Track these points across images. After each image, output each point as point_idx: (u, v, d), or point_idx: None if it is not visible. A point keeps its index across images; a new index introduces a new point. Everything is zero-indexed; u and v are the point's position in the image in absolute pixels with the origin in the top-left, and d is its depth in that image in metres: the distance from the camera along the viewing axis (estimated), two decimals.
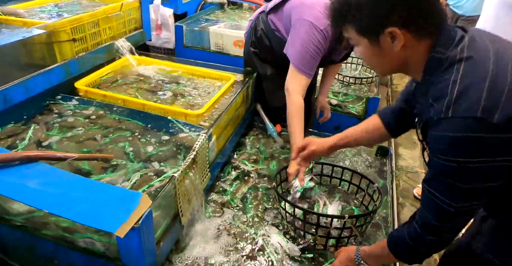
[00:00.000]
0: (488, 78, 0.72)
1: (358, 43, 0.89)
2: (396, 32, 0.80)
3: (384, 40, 0.83)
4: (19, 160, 1.03)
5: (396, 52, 0.84)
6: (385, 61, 0.89)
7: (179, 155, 1.31)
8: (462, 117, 0.72)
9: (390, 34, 0.81)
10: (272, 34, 1.78)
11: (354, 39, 0.89)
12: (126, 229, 0.86)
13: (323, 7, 1.54)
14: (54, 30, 1.50)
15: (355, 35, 0.88)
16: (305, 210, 1.25)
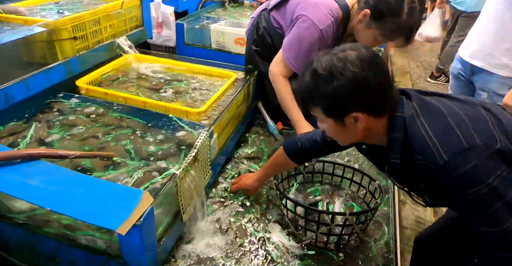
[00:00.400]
0: (449, 117, 0.89)
1: (324, 121, 0.98)
2: (359, 117, 0.90)
3: (348, 121, 0.93)
4: (21, 158, 1.04)
5: (359, 130, 0.94)
6: (349, 136, 1.00)
7: (181, 152, 1.31)
8: (456, 154, 0.84)
9: (354, 117, 0.91)
10: (274, 31, 1.78)
11: (321, 118, 0.98)
12: (128, 226, 0.86)
13: (328, 8, 1.54)
14: (55, 28, 1.50)
15: (321, 115, 0.96)
16: (306, 207, 1.26)
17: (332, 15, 1.55)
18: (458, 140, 0.84)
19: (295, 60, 1.62)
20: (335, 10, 1.56)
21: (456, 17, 3.97)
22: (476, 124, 0.86)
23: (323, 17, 1.54)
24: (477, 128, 0.86)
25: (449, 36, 4.20)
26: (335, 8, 1.56)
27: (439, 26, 3.94)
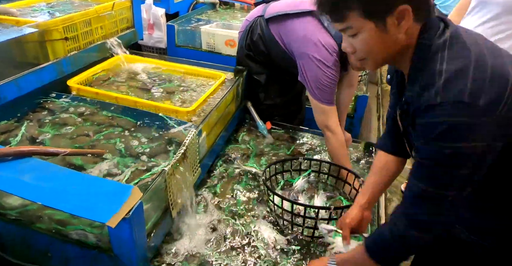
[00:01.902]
0: (472, 67, 0.75)
1: (361, 30, 0.84)
2: (407, 10, 0.79)
3: (391, 22, 0.81)
4: (12, 155, 1.06)
5: (400, 35, 0.83)
6: (386, 47, 0.86)
7: (170, 150, 1.34)
8: (452, 102, 0.74)
9: (399, 14, 0.80)
10: (273, 44, 1.75)
11: (356, 27, 0.85)
12: (117, 219, 0.89)
13: (327, 44, 1.55)
14: (46, 29, 1.52)
15: (359, 21, 0.83)
16: (292, 201, 1.29)
17: (334, 51, 1.57)
18: (462, 88, 0.74)
19: (328, 98, 1.62)
20: (334, 47, 1.56)
21: None
22: (494, 75, 0.75)
23: (327, 54, 1.56)
24: (493, 81, 0.74)
25: None
26: (333, 45, 1.56)
27: None
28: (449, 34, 0.81)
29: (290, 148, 1.88)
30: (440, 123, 0.76)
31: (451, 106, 0.74)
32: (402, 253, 0.94)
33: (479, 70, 0.75)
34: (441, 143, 0.77)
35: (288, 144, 1.91)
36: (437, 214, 0.86)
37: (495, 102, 0.74)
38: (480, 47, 0.79)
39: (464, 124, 0.74)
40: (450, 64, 0.77)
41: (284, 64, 1.78)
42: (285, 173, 1.64)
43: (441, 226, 0.89)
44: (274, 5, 1.76)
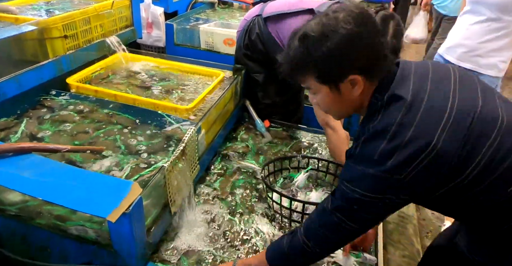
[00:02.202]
0: (393, 128, 0.80)
1: (318, 92, 0.93)
2: (357, 79, 0.86)
3: (344, 87, 0.88)
4: (13, 151, 1.07)
5: (355, 96, 0.90)
6: (343, 106, 0.95)
7: (169, 147, 1.35)
8: (364, 157, 0.84)
9: (351, 81, 0.87)
10: (271, 43, 1.77)
11: (314, 88, 0.93)
12: (118, 214, 0.90)
13: None
14: (45, 26, 1.53)
15: (315, 84, 0.91)
16: (291, 198, 1.31)
17: None
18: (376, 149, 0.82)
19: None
20: None
21: (439, 20, 4.08)
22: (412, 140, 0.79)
23: None
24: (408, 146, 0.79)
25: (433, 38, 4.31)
26: None
27: (424, 27, 4.04)
28: (386, 97, 0.86)
29: (288, 146, 1.89)
30: (352, 169, 0.87)
31: (363, 160, 0.84)
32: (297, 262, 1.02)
33: (398, 134, 0.80)
34: (347, 184, 0.88)
35: (287, 142, 1.92)
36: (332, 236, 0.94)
37: (403, 165, 0.79)
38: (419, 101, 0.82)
39: (368, 177, 0.83)
40: (376, 124, 0.84)
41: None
42: (284, 171, 1.65)
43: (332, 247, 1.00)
44: (272, 4, 1.78)
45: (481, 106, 0.82)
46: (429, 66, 0.92)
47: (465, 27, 2.07)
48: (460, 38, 2.10)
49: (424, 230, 2.31)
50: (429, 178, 0.81)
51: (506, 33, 1.93)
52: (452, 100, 0.81)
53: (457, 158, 0.79)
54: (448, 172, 0.80)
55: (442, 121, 0.79)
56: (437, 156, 0.78)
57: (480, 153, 0.80)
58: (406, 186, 0.82)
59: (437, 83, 0.85)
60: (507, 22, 1.90)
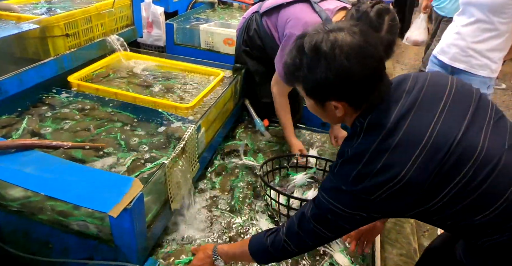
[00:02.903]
0: (368, 155, 0.84)
1: (306, 99, 0.97)
2: (338, 106, 0.89)
3: (328, 106, 0.91)
4: (15, 148, 1.08)
5: (338, 116, 0.93)
6: (328, 118, 0.99)
7: (170, 145, 1.37)
8: (340, 177, 0.89)
9: (334, 105, 0.89)
10: (267, 37, 1.81)
11: (303, 95, 0.96)
12: (119, 209, 0.92)
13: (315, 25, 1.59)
14: (47, 25, 1.54)
15: (303, 93, 0.94)
16: (288, 195, 1.32)
17: None
18: (351, 171, 0.86)
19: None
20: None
21: (438, 22, 4.11)
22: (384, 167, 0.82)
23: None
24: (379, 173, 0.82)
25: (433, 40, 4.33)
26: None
27: (425, 30, 4.07)
28: (366, 123, 0.88)
29: (287, 144, 1.90)
30: (330, 181, 0.93)
31: (340, 178, 0.89)
32: (274, 258, 1.07)
33: (371, 161, 0.83)
34: (323, 193, 0.93)
35: (285, 141, 1.93)
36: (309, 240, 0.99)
37: (373, 189, 0.83)
38: (399, 127, 0.83)
39: (341, 192, 0.88)
40: (354, 148, 0.88)
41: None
42: (282, 169, 1.66)
43: (310, 248, 1.07)
44: (269, 1, 1.81)
45: (462, 134, 0.82)
46: (426, 82, 0.91)
47: (458, 28, 2.10)
48: (453, 39, 2.13)
49: (421, 229, 2.33)
50: (397, 203, 0.85)
51: (497, 35, 1.96)
52: (431, 130, 0.82)
53: (427, 187, 0.81)
54: (416, 199, 0.84)
55: (415, 153, 0.80)
56: (405, 185, 0.80)
57: (451, 184, 0.81)
58: (375, 206, 0.86)
59: (426, 105, 0.86)
60: (497, 23, 1.92)
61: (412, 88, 0.90)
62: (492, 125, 0.86)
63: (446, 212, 0.86)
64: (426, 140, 0.81)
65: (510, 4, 1.87)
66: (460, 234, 0.96)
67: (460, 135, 0.82)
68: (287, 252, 1.02)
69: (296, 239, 0.99)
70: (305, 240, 0.99)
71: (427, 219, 0.93)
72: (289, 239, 1.00)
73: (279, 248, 1.02)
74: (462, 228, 0.90)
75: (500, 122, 0.89)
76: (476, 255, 0.98)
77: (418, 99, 0.87)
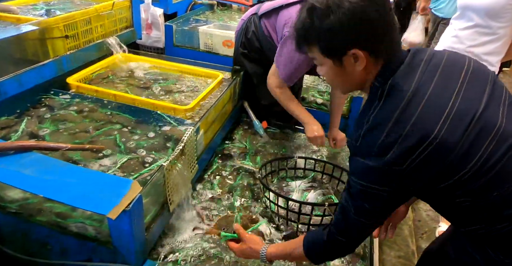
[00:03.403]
0: (392, 120, 0.81)
1: (322, 64, 0.93)
2: (359, 54, 0.85)
3: (347, 61, 0.88)
4: (14, 149, 1.08)
5: (359, 72, 0.89)
6: (347, 81, 0.94)
7: (168, 147, 1.37)
8: (364, 150, 0.85)
9: (353, 56, 0.86)
10: (264, 38, 1.81)
11: (319, 60, 0.93)
12: (118, 211, 0.92)
13: None
14: (47, 26, 1.54)
15: (320, 56, 0.91)
16: (288, 198, 1.33)
17: None
18: (375, 141, 0.82)
19: (287, 77, 1.67)
20: None
21: (437, 24, 4.13)
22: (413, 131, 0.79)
23: None
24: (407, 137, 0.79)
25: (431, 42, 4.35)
26: None
27: (422, 31, 4.09)
28: (389, 84, 0.85)
29: (285, 146, 1.91)
30: (355, 161, 0.88)
31: (363, 152, 0.85)
32: (327, 255, 1.06)
33: (397, 126, 0.80)
34: (352, 177, 0.90)
35: (284, 143, 1.94)
36: (350, 231, 0.96)
37: (402, 157, 0.79)
38: (422, 93, 0.82)
39: (370, 169, 0.84)
40: (376, 115, 0.85)
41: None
42: (281, 171, 1.67)
43: (354, 243, 1.01)
44: (269, 2, 1.81)
45: (482, 109, 0.82)
46: (443, 58, 0.90)
47: (456, 31, 2.11)
48: (451, 42, 2.14)
49: (419, 231, 2.33)
50: (430, 170, 0.81)
51: (495, 39, 1.97)
52: (454, 99, 0.81)
53: (456, 152, 0.79)
54: (447, 166, 0.80)
55: (442, 116, 0.79)
56: (437, 147, 0.78)
57: (479, 152, 0.80)
58: (407, 177, 0.82)
59: (444, 80, 0.85)
60: (494, 28, 1.94)
61: (430, 59, 0.89)
62: (507, 106, 0.87)
63: (468, 187, 0.84)
64: (451, 106, 0.80)
65: (507, 8, 1.88)
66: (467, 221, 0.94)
67: (481, 108, 0.82)
68: (341, 248, 1.01)
69: (347, 235, 0.97)
70: (351, 232, 0.97)
71: (447, 198, 0.89)
72: (343, 236, 0.98)
73: (335, 247, 1.00)
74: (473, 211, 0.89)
75: None
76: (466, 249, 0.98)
77: (438, 70, 0.86)
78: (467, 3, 2.00)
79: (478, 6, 1.94)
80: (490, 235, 0.89)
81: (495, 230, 0.88)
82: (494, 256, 0.91)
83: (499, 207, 0.85)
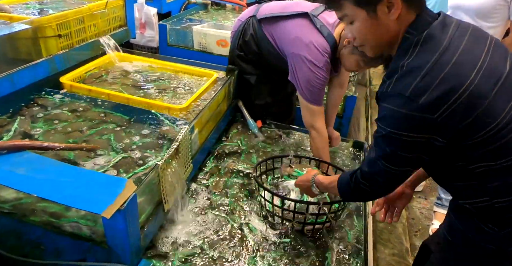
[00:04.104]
0: (428, 65, 0.81)
1: (355, 18, 0.92)
2: (392, 1, 0.86)
3: (381, 10, 0.87)
4: (7, 149, 1.07)
5: (392, 22, 0.89)
6: (381, 34, 0.92)
7: (163, 146, 1.37)
8: (396, 94, 0.84)
9: (388, 3, 0.86)
10: (264, 42, 1.79)
11: (351, 15, 0.92)
12: (112, 210, 0.92)
13: (319, 45, 1.58)
14: (40, 25, 1.53)
15: (352, 9, 0.91)
16: (282, 197, 1.33)
17: (325, 52, 1.59)
18: (409, 85, 0.82)
19: (317, 99, 1.66)
20: (326, 48, 1.59)
21: None
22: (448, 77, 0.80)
23: (319, 55, 1.58)
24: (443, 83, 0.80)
25: None
26: (325, 46, 1.59)
27: None
28: (426, 33, 0.87)
29: (280, 146, 1.92)
30: (384, 108, 0.87)
31: (395, 97, 0.84)
32: (352, 194, 1.10)
33: (433, 70, 0.81)
34: (380, 124, 0.90)
35: (278, 142, 1.94)
36: (375, 174, 0.98)
37: (436, 104, 0.80)
38: (456, 46, 0.84)
39: (399, 115, 0.83)
40: (411, 61, 0.85)
41: (276, 63, 1.81)
42: (275, 170, 1.67)
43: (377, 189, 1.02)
44: (267, 5, 1.80)
45: (507, 73, 0.85)
46: (470, 26, 0.93)
47: None
48: None
49: (413, 229, 2.35)
50: (460, 120, 0.82)
51: None
52: (484, 56, 0.84)
53: (487, 103, 0.81)
54: (477, 117, 0.81)
55: (474, 69, 0.81)
56: (469, 96, 0.79)
57: (506, 108, 0.83)
58: (437, 127, 0.82)
59: (474, 40, 0.87)
60: (484, 27, 1.95)
61: (459, 23, 0.91)
62: None
63: (490, 146, 0.85)
64: (482, 62, 0.82)
65: (497, 9, 1.90)
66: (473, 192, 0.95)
67: (506, 71, 0.85)
68: (363, 192, 1.04)
69: (370, 179, 1.00)
70: (374, 178, 0.98)
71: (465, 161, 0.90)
72: (365, 180, 1.00)
73: (358, 189, 1.03)
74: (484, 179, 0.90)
75: None
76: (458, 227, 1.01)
77: (468, 32, 0.89)
78: (458, 4, 2.01)
79: (468, 6, 1.96)
80: (492, 207, 0.91)
81: (498, 202, 0.90)
82: (487, 229, 0.93)
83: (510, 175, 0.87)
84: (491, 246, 0.95)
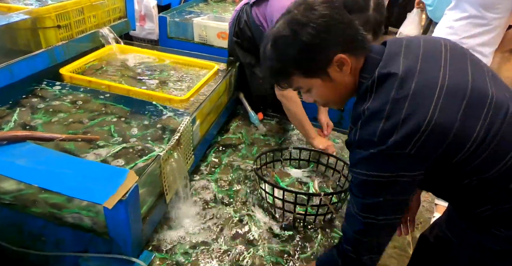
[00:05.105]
0: (388, 107, 0.81)
1: (311, 86, 0.94)
2: (342, 58, 0.87)
3: (333, 72, 0.89)
4: (7, 140, 1.07)
5: (347, 76, 0.91)
6: (339, 90, 0.94)
7: (164, 137, 1.36)
8: (364, 140, 0.84)
9: (337, 63, 0.88)
10: (256, 29, 1.81)
11: (305, 85, 0.94)
12: (114, 201, 0.91)
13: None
14: (38, 16, 1.51)
15: (305, 81, 0.92)
16: (283, 188, 1.32)
17: None
18: (375, 130, 0.81)
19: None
20: None
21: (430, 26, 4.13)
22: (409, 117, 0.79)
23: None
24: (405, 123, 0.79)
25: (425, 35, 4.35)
26: None
27: (418, 24, 4.08)
28: (376, 74, 0.86)
29: (281, 138, 1.91)
30: (357, 153, 0.86)
31: (364, 143, 0.84)
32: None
33: (394, 110, 0.80)
34: (355, 169, 0.87)
35: (279, 134, 1.94)
36: (359, 234, 0.93)
37: (405, 140, 0.79)
38: (411, 72, 0.82)
39: (373, 156, 0.83)
40: (370, 105, 0.84)
41: None
42: (276, 162, 1.67)
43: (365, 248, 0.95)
44: None
45: (471, 81, 0.82)
46: (420, 42, 0.91)
47: (450, 22, 2.12)
48: (445, 33, 2.14)
49: None
50: (434, 150, 0.81)
51: (489, 30, 1.98)
52: (443, 76, 0.82)
53: (455, 129, 0.79)
54: (449, 144, 0.80)
55: (435, 96, 0.79)
56: (434, 129, 0.78)
57: (479, 122, 0.80)
58: (413, 160, 0.82)
59: (428, 59, 0.86)
60: (489, 19, 1.94)
61: (408, 44, 0.90)
62: (491, 77, 0.88)
63: (476, 161, 0.83)
64: (441, 85, 0.81)
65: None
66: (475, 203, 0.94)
67: (470, 81, 0.82)
68: (355, 261, 0.97)
69: (355, 242, 0.94)
70: (360, 237, 0.93)
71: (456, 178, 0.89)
72: (349, 244, 0.96)
73: (348, 260, 0.98)
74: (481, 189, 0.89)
75: (496, 76, 0.91)
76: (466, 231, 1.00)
77: (420, 52, 0.87)
78: None
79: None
80: (496, 214, 0.90)
81: (501, 209, 0.89)
82: (494, 230, 0.92)
83: (506, 180, 0.86)
84: (496, 246, 0.95)
